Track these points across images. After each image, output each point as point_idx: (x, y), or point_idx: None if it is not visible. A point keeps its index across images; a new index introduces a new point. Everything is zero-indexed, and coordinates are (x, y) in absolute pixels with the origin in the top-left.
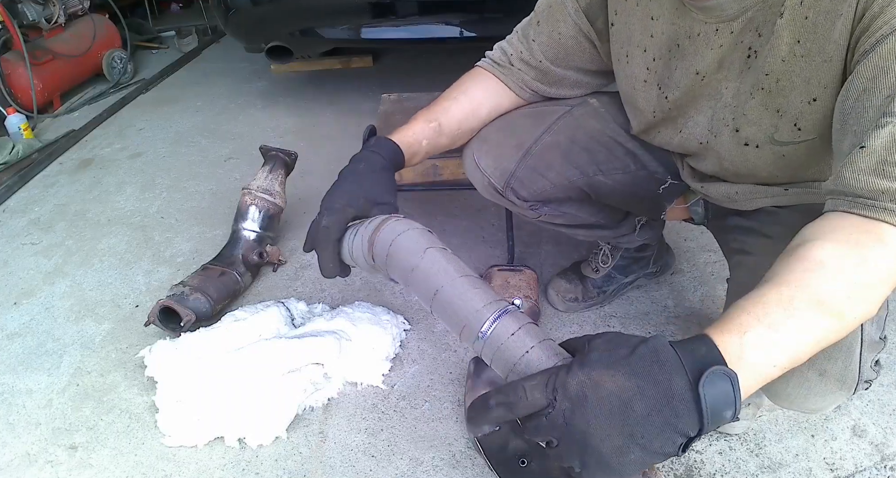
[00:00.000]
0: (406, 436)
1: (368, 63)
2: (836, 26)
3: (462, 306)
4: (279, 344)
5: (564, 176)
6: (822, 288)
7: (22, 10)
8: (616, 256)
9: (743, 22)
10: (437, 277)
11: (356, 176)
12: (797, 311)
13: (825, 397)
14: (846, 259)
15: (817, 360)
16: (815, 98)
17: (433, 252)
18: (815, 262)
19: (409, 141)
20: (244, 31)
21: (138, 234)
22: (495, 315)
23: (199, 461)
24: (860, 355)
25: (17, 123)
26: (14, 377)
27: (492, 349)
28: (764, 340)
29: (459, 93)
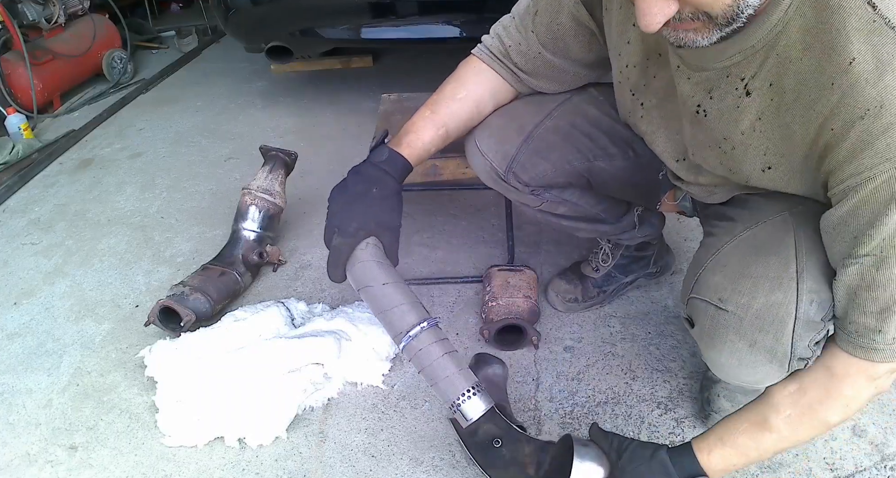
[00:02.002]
0: (406, 436)
1: (368, 63)
2: (801, 120)
3: (394, 316)
4: (279, 344)
5: (566, 160)
6: (774, 447)
7: (22, 10)
8: (617, 254)
9: (700, 77)
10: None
11: (369, 200)
12: (752, 449)
13: (755, 369)
14: (798, 427)
15: (748, 330)
16: (770, 166)
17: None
18: (771, 428)
19: (420, 153)
20: (244, 31)
21: (138, 234)
22: (423, 326)
23: (199, 461)
24: (793, 331)
25: (17, 123)
26: (14, 377)
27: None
28: (725, 457)
29: (462, 91)
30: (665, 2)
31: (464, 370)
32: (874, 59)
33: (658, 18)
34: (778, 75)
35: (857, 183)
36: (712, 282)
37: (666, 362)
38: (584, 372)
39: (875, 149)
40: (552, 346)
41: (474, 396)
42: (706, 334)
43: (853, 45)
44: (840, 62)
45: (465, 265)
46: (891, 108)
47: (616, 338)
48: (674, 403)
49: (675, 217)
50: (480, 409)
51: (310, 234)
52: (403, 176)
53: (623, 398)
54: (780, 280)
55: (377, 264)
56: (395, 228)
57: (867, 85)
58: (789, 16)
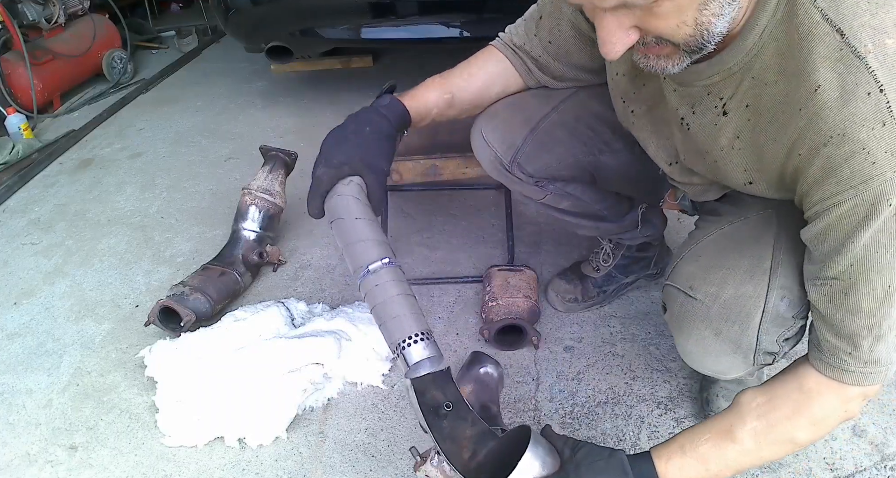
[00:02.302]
0: (406, 436)
1: (368, 63)
2: (773, 143)
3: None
4: (279, 344)
5: (570, 153)
6: (737, 461)
7: (22, 10)
8: (618, 255)
9: (684, 92)
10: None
11: (360, 138)
12: (713, 461)
13: (720, 358)
14: (763, 441)
15: (715, 320)
16: (751, 181)
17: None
18: (734, 438)
19: (420, 108)
20: (244, 31)
21: (138, 234)
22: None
23: (199, 461)
24: (760, 324)
25: (17, 123)
26: (14, 377)
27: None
28: (683, 467)
29: (475, 69)
30: (624, 31)
31: (417, 315)
32: (839, 87)
33: (618, 47)
34: (754, 97)
35: (824, 209)
36: (686, 270)
37: (666, 362)
38: (584, 372)
39: (839, 176)
40: (552, 346)
41: (422, 341)
42: (675, 321)
43: (819, 73)
44: (807, 88)
45: (465, 265)
46: (852, 136)
47: (616, 338)
48: (674, 403)
49: (676, 217)
50: (424, 355)
51: (310, 234)
52: (400, 123)
53: (623, 398)
54: (752, 273)
55: (354, 200)
56: (380, 171)
57: (831, 112)
58: (764, 40)
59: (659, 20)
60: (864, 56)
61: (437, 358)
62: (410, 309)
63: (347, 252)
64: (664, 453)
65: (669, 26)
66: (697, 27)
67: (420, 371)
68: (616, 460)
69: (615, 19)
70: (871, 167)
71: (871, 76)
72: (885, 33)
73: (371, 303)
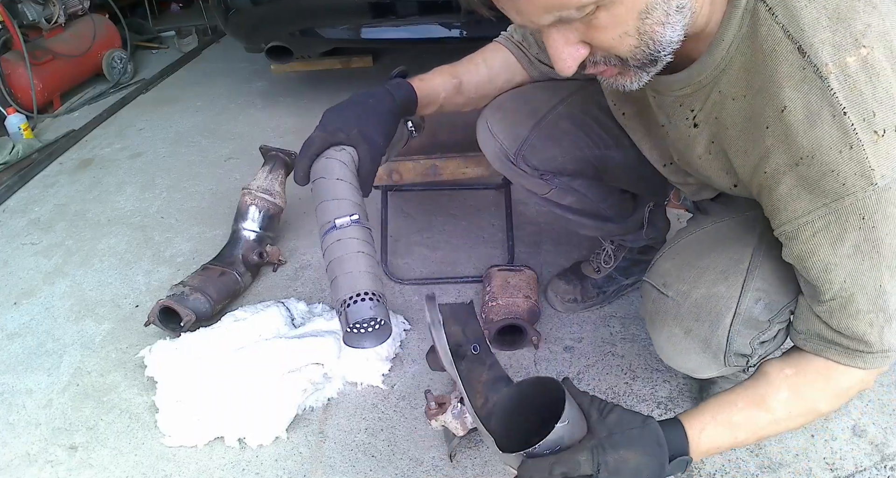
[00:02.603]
0: (406, 436)
1: (368, 63)
2: (741, 156)
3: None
4: (279, 344)
5: (576, 146)
6: (766, 430)
7: (22, 10)
8: (619, 256)
9: (660, 101)
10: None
11: (362, 109)
12: (745, 425)
13: (689, 356)
14: (792, 411)
15: (684, 318)
16: (736, 185)
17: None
18: (768, 408)
19: (428, 91)
20: (244, 31)
21: (138, 234)
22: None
23: (199, 461)
24: (730, 325)
25: (17, 123)
26: (14, 377)
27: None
28: (715, 436)
29: (480, 59)
30: (573, 46)
31: (373, 275)
32: (804, 108)
33: (569, 63)
34: (721, 111)
35: (797, 227)
36: (662, 268)
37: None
38: (584, 372)
39: (811, 195)
40: (552, 346)
41: (370, 301)
42: (648, 317)
43: (784, 93)
44: (774, 107)
45: (465, 265)
46: (821, 159)
47: (616, 338)
48: (674, 403)
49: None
50: (364, 315)
51: (310, 234)
52: (406, 103)
53: (623, 398)
54: (727, 274)
55: (340, 164)
56: (375, 143)
57: (798, 134)
58: (731, 54)
59: (599, 32)
60: (825, 77)
61: (385, 326)
62: (368, 267)
63: (320, 210)
64: (696, 422)
65: (611, 38)
66: (641, 37)
67: (363, 341)
68: (651, 429)
69: (560, 35)
70: (842, 188)
71: (834, 98)
72: (846, 51)
73: (328, 258)
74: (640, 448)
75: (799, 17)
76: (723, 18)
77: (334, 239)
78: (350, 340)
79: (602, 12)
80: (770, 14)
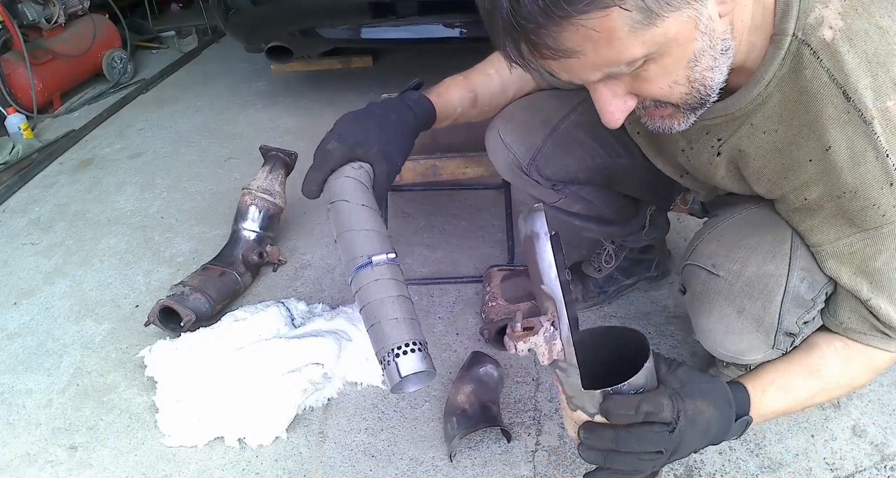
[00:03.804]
0: (406, 436)
1: (368, 63)
2: (767, 183)
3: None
4: (279, 344)
5: (589, 155)
6: (816, 397)
7: (22, 10)
8: (620, 256)
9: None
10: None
11: (383, 126)
12: (800, 391)
13: (742, 337)
14: (840, 380)
15: (737, 297)
16: (758, 205)
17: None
18: (821, 376)
19: (446, 107)
20: (244, 31)
21: (138, 234)
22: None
23: (199, 461)
24: (781, 302)
25: (17, 123)
26: (14, 377)
27: (358, 284)
28: (775, 400)
29: (492, 70)
30: (621, 99)
31: (416, 322)
32: (848, 149)
33: (617, 115)
34: (748, 143)
35: (836, 248)
36: (708, 250)
37: None
38: None
39: (852, 222)
40: None
41: (419, 352)
42: (697, 299)
43: (829, 134)
44: (818, 146)
45: (465, 265)
46: (864, 195)
47: None
48: None
49: (677, 218)
50: (418, 368)
51: (310, 234)
52: (425, 121)
53: None
54: (773, 253)
55: (362, 185)
56: (393, 164)
57: (843, 171)
58: (769, 91)
59: (649, 84)
60: (869, 121)
61: (431, 373)
62: (409, 313)
63: (346, 238)
64: (759, 385)
65: (661, 88)
66: (691, 84)
67: (408, 387)
68: (720, 385)
69: (608, 89)
70: (881, 218)
71: (877, 141)
72: (886, 96)
73: (365, 299)
74: (711, 401)
75: (843, 62)
76: (764, 57)
77: (371, 278)
78: (396, 388)
79: (651, 65)
80: (815, 58)
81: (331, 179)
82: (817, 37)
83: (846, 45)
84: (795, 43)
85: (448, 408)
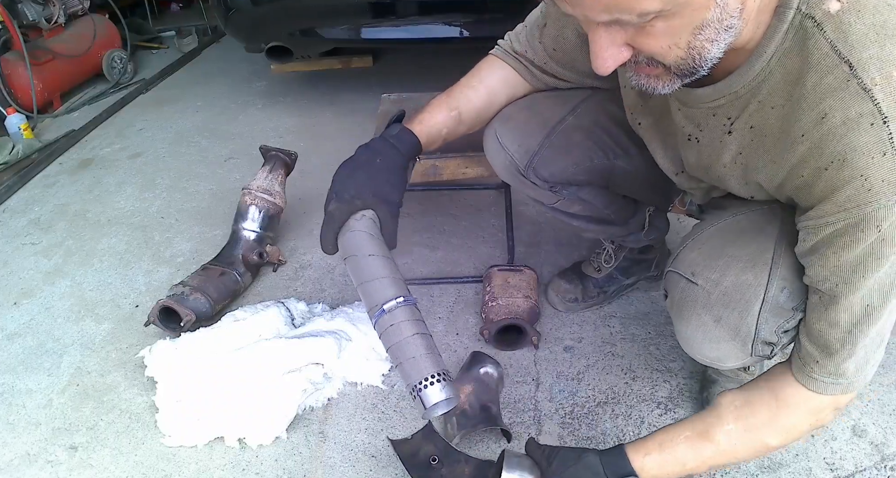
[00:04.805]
0: (406, 436)
1: (368, 63)
2: (771, 164)
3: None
4: (279, 344)
5: (587, 157)
6: (712, 460)
7: (22, 10)
8: (620, 256)
9: (689, 112)
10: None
11: (371, 170)
12: (689, 458)
13: (719, 345)
14: (737, 442)
15: (714, 306)
16: (752, 196)
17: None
18: (711, 438)
19: (430, 132)
20: (244, 32)
21: (138, 234)
22: (399, 301)
23: (199, 461)
24: (759, 312)
25: (17, 123)
26: (14, 377)
27: (383, 326)
28: (658, 464)
29: (477, 81)
30: (617, 48)
31: (433, 355)
32: (843, 116)
33: (609, 63)
34: (759, 120)
35: (816, 226)
36: (689, 257)
37: (666, 362)
38: (584, 372)
39: (835, 199)
40: (552, 346)
41: (439, 383)
42: (676, 306)
43: (826, 102)
44: (813, 117)
45: (465, 265)
46: (852, 163)
47: (616, 338)
48: (674, 403)
49: (676, 218)
50: (441, 397)
51: (310, 234)
52: (411, 152)
53: (623, 398)
54: (753, 262)
55: (367, 236)
56: (392, 203)
57: (833, 139)
58: (772, 66)
59: (651, 39)
60: (870, 88)
61: (454, 399)
62: (427, 349)
63: (362, 291)
64: (642, 448)
65: (661, 46)
66: (689, 51)
67: (437, 411)
68: (584, 462)
69: (608, 35)
70: (867, 194)
71: (876, 107)
72: (893, 65)
73: (387, 343)
74: None
75: (849, 32)
76: (766, 32)
77: (387, 325)
78: (426, 415)
79: (659, 21)
80: (818, 29)
81: (340, 235)
82: (821, 9)
83: (854, 16)
84: (799, 16)
85: None
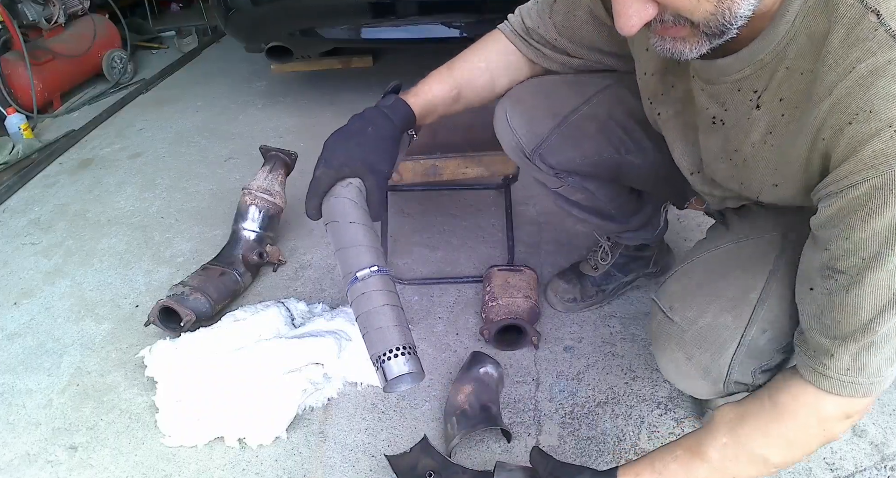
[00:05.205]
0: (406, 436)
1: (368, 63)
2: (800, 134)
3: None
4: (279, 344)
5: (596, 151)
6: (710, 473)
7: (22, 10)
8: (616, 253)
9: (713, 90)
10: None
11: (362, 138)
12: (677, 474)
13: (690, 381)
14: (731, 459)
15: (688, 345)
16: (777, 184)
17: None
18: (703, 456)
19: (426, 105)
20: (244, 32)
21: (138, 234)
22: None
23: (199, 461)
24: (733, 355)
25: (17, 123)
26: (14, 377)
27: (355, 293)
28: None
29: (480, 60)
30: (642, 3)
31: (402, 327)
32: (870, 65)
33: (633, 20)
34: (789, 89)
35: (838, 189)
36: (671, 289)
37: None
38: (584, 372)
39: (860, 155)
40: (552, 346)
41: (402, 356)
42: (653, 335)
43: (853, 54)
44: (839, 72)
45: (465, 265)
46: (880, 114)
47: (616, 338)
48: (674, 403)
49: (676, 218)
50: (403, 370)
51: (310, 234)
52: (405, 123)
53: (623, 398)
54: (735, 303)
55: (351, 203)
56: (380, 172)
57: (859, 89)
58: (796, 28)
59: None
60: None
61: (418, 374)
62: (395, 321)
63: (339, 257)
64: (633, 470)
65: (689, 0)
66: (719, 5)
67: (399, 386)
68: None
69: None
70: (894, 150)
71: None
72: None
73: (357, 311)
74: None
75: None
76: None
77: (358, 292)
78: (388, 388)
79: None
80: None
81: (325, 200)
82: None
83: None
84: None
85: (448, 408)
